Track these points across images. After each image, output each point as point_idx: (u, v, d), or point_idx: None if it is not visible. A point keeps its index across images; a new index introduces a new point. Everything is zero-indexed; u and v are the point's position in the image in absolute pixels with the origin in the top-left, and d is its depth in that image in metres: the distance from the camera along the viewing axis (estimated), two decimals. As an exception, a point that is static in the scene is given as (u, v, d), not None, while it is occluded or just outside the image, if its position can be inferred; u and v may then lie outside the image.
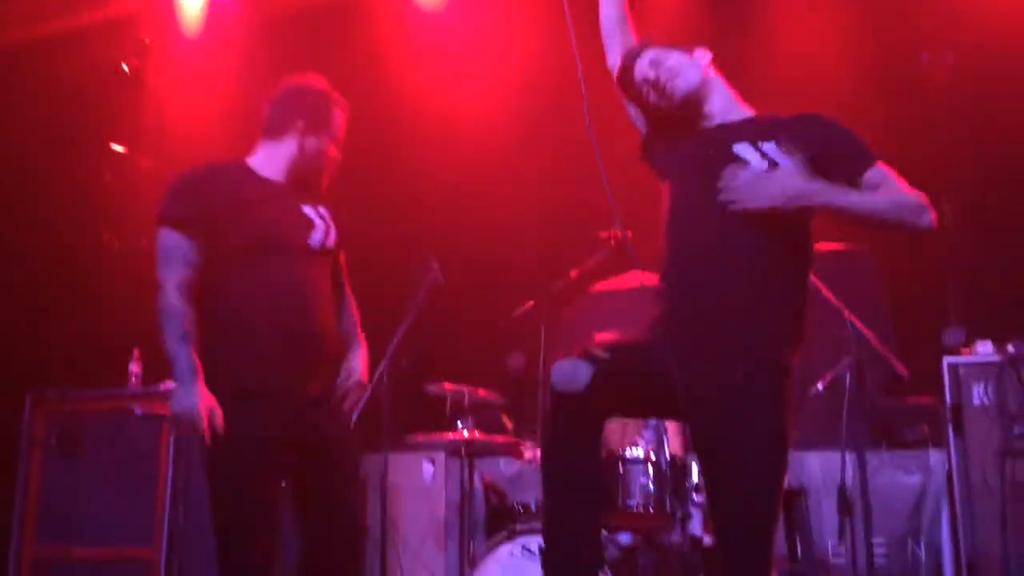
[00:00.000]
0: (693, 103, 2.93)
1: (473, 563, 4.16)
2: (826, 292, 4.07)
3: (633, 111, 3.26)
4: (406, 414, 5.11)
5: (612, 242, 5.95)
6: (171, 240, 3.14)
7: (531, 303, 5.89)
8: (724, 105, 2.94)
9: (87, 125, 6.78)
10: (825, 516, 4.91)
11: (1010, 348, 4.34)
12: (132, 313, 6.50)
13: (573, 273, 5.95)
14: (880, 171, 2.76)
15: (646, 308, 6.14)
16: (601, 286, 6.37)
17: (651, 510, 4.10)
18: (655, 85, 2.92)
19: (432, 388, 4.87)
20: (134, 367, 5.61)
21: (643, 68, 2.97)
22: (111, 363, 5.80)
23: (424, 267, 4.82)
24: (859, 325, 4.13)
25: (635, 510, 4.12)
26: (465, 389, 4.83)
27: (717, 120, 2.92)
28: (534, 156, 6.67)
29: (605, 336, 2.92)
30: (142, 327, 6.43)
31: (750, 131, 2.81)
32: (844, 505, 3.91)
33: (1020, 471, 4.06)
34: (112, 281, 6.59)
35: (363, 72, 6.84)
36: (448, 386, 4.83)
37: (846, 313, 4.11)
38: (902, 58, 6.25)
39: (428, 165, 6.73)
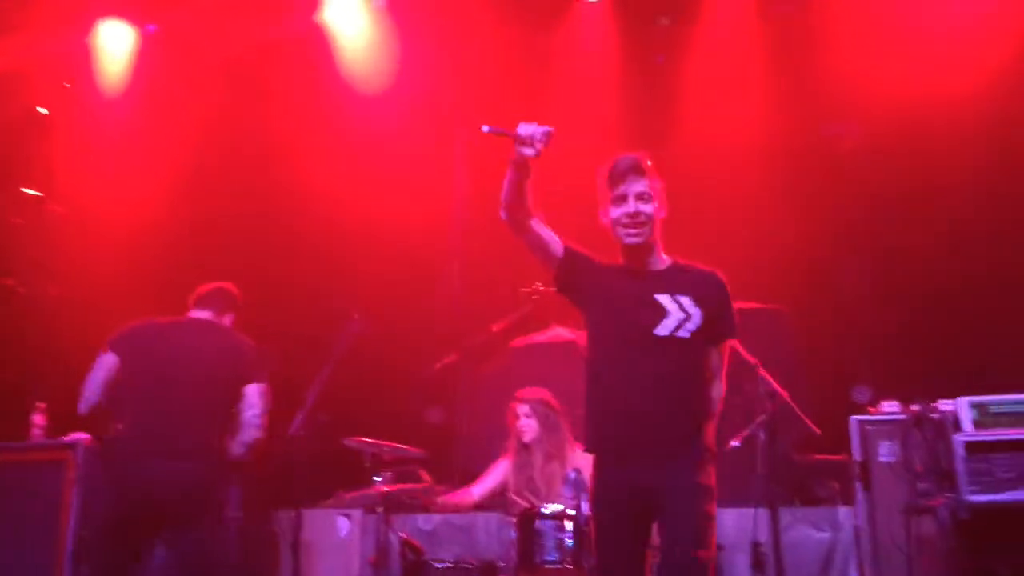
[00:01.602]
0: (642, 251, 3.41)
1: (388, 621, 4.08)
2: (742, 350, 4.16)
3: (548, 243, 3.43)
4: (323, 468, 5.02)
5: (533, 298, 6.03)
6: None
7: (452, 357, 5.89)
8: (655, 257, 3.44)
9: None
10: (738, 572, 4.95)
11: (915, 407, 4.49)
12: (37, 363, 6.30)
13: (494, 328, 5.99)
14: (729, 346, 3.47)
15: (564, 363, 6.23)
16: (521, 341, 6.41)
17: (568, 566, 4.07)
18: (632, 218, 3.36)
19: (350, 442, 4.79)
20: (37, 419, 5.40)
21: (632, 188, 3.38)
22: (13, 415, 5.57)
23: (346, 320, 4.78)
24: (773, 383, 4.23)
25: (552, 566, 4.09)
26: (384, 443, 4.76)
27: (648, 268, 3.42)
28: (456, 212, 6.73)
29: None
30: (47, 378, 6.24)
31: (669, 283, 3.38)
32: (757, 561, 3.95)
33: (924, 526, 4.17)
34: (15, 330, 6.37)
35: (291, 133, 6.86)
36: (366, 440, 4.76)
37: (761, 371, 4.20)
38: (810, 130, 6.55)
39: (352, 221, 6.72)
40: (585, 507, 4.13)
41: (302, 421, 4.65)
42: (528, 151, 3.19)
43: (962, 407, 4.35)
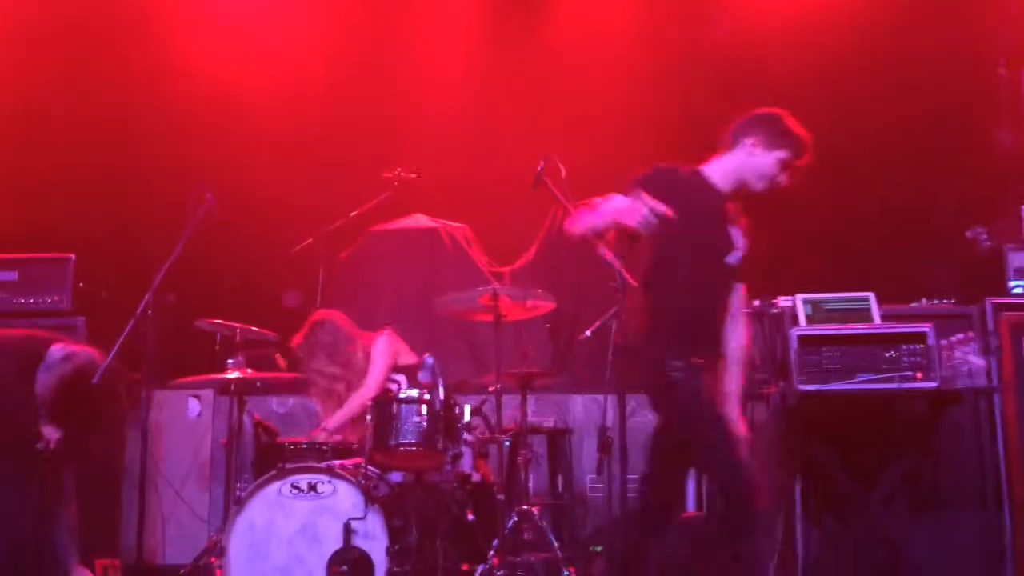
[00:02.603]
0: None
1: (240, 502, 4.07)
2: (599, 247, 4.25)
3: None
4: (173, 349, 4.89)
5: (395, 183, 5.95)
6: None
7: (309, 240, 5.78)
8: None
9: None
10: (586, 454, 5.20)
11: (756, 303, 4.74)
12: None
13: (354, 212, 5.90)
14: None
15: (424, 250, 6.22)
16: (381, 226, 6.35)
17: (423, 449, 4.16)
18: (776, 186, 3.69)
19: (202, 324, 4.67)
20: None
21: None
22: None
23: (198, 198, 4.58)
24: (627, 276, 4.35)
25: (407, 449, 4.16)
26: (237, 325, 4.67)
27: (720, 189, 3.66)
28: (323, 97, 6.51)
29: None
30: None
31: (731, 215, 3.67)
32: (604, 444, 4.13)
33: (758, 412, 4.47)
34: None
35: (136, 16, 6.41)
36: (219, 322, 4.65)
37: (617, 265, 4.31)
38: (681, 25, 6.61)
39: (209, 97, 6.37)
40: (441, 392, 4.20)
41: (149, 300, 4.48)
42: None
43: (798, 303, 4.62)
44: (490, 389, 4.45)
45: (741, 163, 3.64)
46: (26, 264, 5.07)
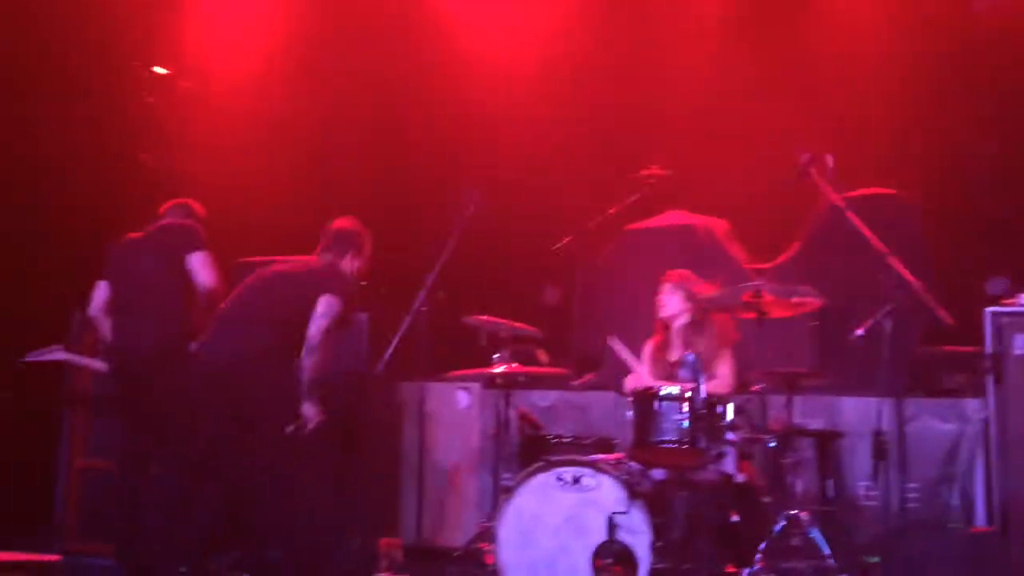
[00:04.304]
0: None
1: (509, 491, 4.22)
2: (870, 236, 4.04)
3: None
4: (443, 345, 5.15)
5: (651, 181, 5.94)
6: None
7: (568, 239, 5.90)
8: None
9: (127, 46, 6.77)
10: (858, 460, 4.92)
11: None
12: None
13: (611, 210, 5.95)
14: None
15: (679, 247, 6.17)
16: (637, 224, 6.35)
17: (685, 447, 4.13)
18: None
19: (469, 320, 4.90)
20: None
21: None
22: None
23: (465, 199, 4.81)
24: (902, 271, 4.11)
25: (668, 446, 4.15)
26: (502, 322, 4.85)
27: None
28: (578, 94, 6.62)
29: None
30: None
31: None
32: (879, 449, 3.92)
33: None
34: (150, 203, 6.65)
35: (406, 11, 6.79)
36: (485, 319, 4.85)
37: (890, 259, 4.08)
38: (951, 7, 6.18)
39: (472, 99, 6.67)
40: (703, 390, 4.14)
41: (424, 298, 4.76)
42: None
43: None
44: (753, 388, 4.33)
45: None
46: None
